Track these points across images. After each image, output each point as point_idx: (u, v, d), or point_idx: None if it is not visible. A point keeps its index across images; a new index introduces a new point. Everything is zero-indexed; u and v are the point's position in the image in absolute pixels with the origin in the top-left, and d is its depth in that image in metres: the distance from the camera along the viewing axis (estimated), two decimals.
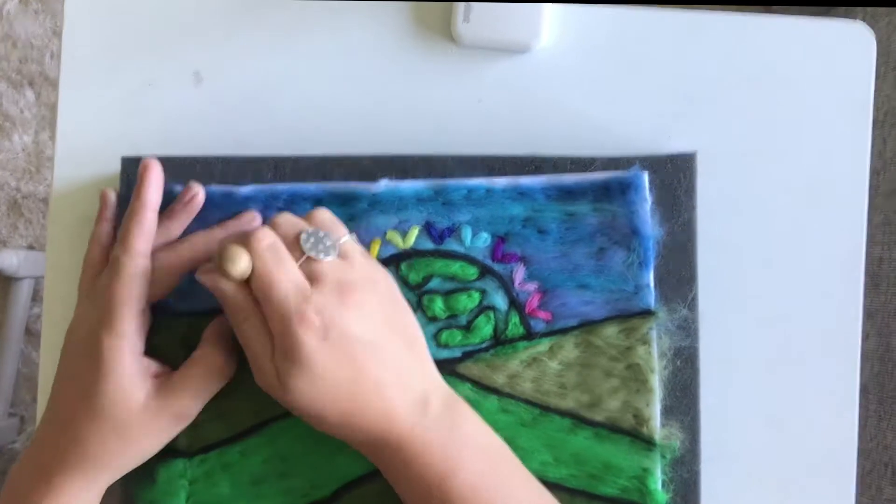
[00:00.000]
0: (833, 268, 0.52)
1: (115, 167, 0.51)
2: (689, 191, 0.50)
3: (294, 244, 0.42)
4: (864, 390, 0.90)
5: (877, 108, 0.70)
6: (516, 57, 0.53)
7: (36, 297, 1.30)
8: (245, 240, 0.41)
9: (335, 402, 0.41)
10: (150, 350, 0.47)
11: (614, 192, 0.49)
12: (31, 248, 1.32)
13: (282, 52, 0.53)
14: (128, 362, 0.44)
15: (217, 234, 0.48)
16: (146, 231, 0.46)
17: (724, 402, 0.51)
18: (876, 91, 0.52)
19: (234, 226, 0.49)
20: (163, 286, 0.47)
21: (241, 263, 0.40)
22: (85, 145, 0.52)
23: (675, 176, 0.50)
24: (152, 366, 0.46)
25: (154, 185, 0.47)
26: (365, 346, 0.42)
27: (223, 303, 0.43)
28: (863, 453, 0.89)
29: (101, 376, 0.43)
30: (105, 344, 0.43)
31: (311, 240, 0.42)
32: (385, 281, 0.45)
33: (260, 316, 0.42)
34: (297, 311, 0.40)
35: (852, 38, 0.52)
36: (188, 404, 0.45)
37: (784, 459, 0.51)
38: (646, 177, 0.49)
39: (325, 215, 0.45)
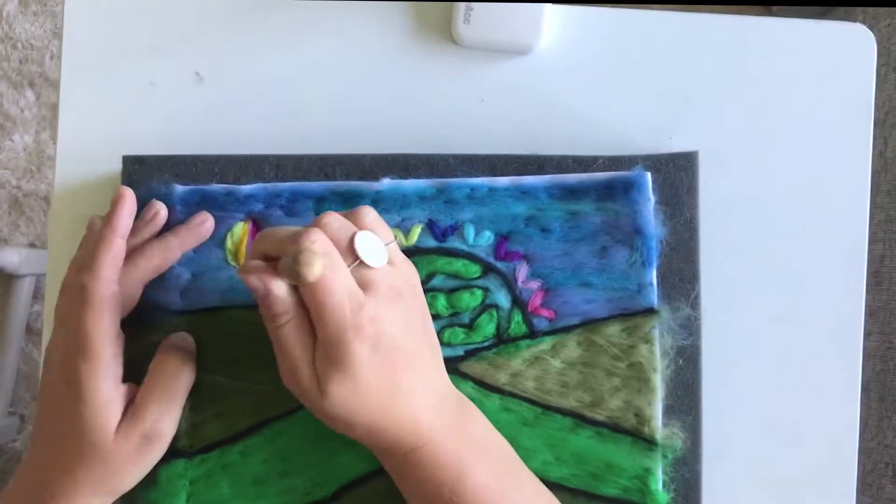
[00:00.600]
0: (835, 266, 0.52)
1: (116, 166, 0.51)
2: (692, 190, 0.50)
3: (347, 248, 0.41)
4: (866, 389, 0.90)
5: (877, 109, 0.71)
6: (518, 57, 0.53)
7: (37, 294, 1.30)
8: (296, 240, 0.39)
9: (370, 409, 0.40)
10: (149, 349, 0.47)
11: (618, 192, 0.49)
12: (32, 245, 1.33)
13: (282, 52, 0.53)
14: (105, 388, 0.43)
15: (171, 241, 0.48)
16: (115, 257, 0.45)
17: (726, 400, 0.51)
18: (877, 91, 0.52)
19: (186, 231, 0.49)
20: (128, 302, 0.47)
21: (316, 268, 0.38)
22: (86, 144, 0.52)
23: (677, 175, 0.50)
24: (130, 391, 0.45)
25: (126, 213, 0.46)
26: (406, 354, 0.41)
27: (265, 303, 0.40)
28: (864, 452, 0.89)
29: (81, 404, 0.43)
30: (82, 371, 0.43)
31: (363, 244, 0.41)
32: (419, 285, 0.45)
33: (303, 319, 0.40)
34: (353, 321, 0.39)
35: (852, 39, 0.52)
36: (155, 419, 0.44)
37: (785, 458, 0.51)
38: (649, 176, 0.49)
39: (371, 215, 0.43)
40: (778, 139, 0.52)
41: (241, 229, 0.50)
